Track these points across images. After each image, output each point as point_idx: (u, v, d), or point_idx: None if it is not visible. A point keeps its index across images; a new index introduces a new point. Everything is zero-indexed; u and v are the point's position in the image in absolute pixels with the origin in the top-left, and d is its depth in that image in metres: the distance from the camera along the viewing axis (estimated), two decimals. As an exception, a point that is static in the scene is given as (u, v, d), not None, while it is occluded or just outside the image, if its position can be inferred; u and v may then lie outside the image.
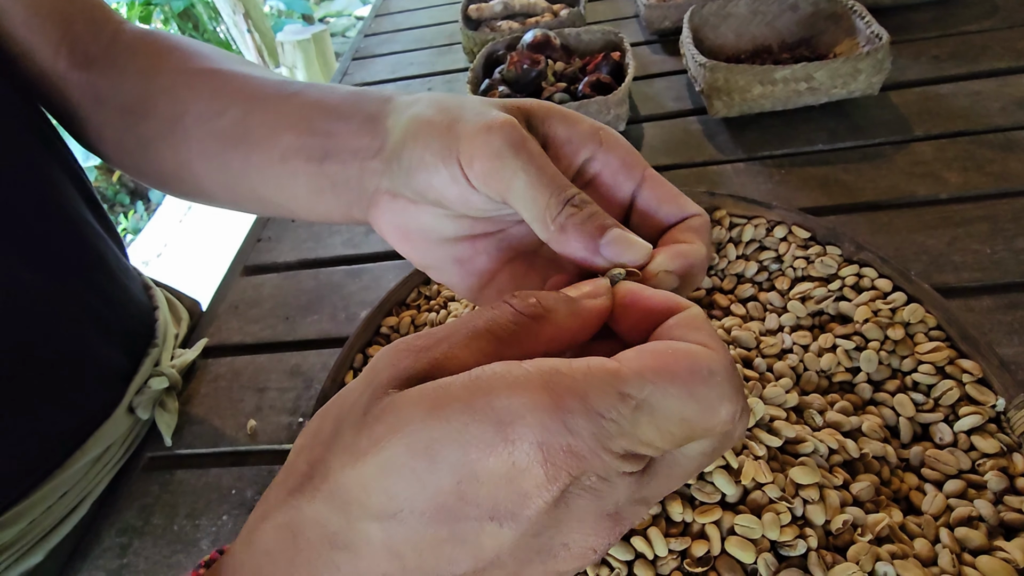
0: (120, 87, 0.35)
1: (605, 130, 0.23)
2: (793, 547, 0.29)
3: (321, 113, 0.27)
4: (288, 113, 0.28)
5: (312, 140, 0.27)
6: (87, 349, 0.41)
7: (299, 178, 0.28)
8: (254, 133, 0.29)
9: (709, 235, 0.21)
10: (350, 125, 0.26)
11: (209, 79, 0.32)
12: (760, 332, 0.42)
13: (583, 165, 0.23)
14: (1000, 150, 0.56)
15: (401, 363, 0.16)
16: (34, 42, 0.35)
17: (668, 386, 0.14)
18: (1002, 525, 0.30)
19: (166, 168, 0.35)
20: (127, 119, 0.35)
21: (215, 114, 0.31)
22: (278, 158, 0.28)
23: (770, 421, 0.34)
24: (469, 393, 0.14)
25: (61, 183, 0.40)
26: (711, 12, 0.74)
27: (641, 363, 0.15)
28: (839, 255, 0.44)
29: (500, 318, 0.17)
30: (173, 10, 3.19)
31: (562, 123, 0.22)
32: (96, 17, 0.37)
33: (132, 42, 0.36)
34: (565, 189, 0.20)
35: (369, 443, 0.15)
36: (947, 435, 0.34)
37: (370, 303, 0.54)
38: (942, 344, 0.37)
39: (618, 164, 0.22)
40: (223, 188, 0.33)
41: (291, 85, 0.30)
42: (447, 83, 0.88)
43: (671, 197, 0.22)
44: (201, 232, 2.35)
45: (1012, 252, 0.47)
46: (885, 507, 0.32)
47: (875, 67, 0.59)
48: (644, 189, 0.22)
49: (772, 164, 0.61)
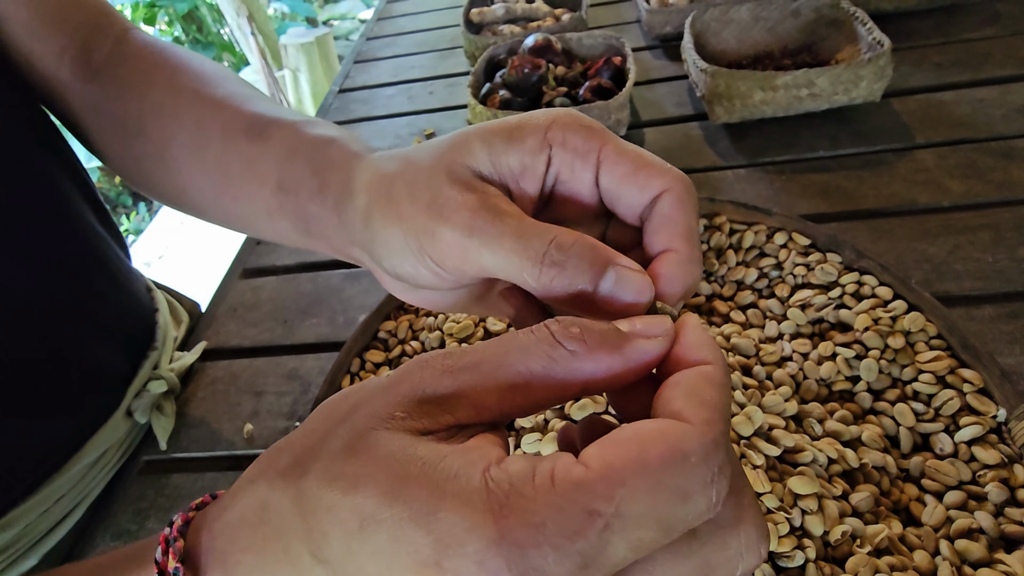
0: (116, 101, 0.35)
1: (555, 125, 0.20)
2: (791, 558, 0.28)
3: (286, 166, 0.27)
4: (258, 162, 0.29)
5: (287, 202, 0.27)
6: (86, 352, 0.41)
7: (291, 234, 0.29)
8: (235, 180, 0.30)
9: (689, 208, 0.19)
10: (315, 195, 0.26)
11: (192, 105, 0.32)
12: (759, 339, 0.42)
13: (546, 179, 0.21)
14: (1002, 158, 0.56)
15: (425, 380, 0.15)
16: (37, 49, 0.35)
17: (639, 482, 0.13)
18: (1003, 537, 0.30)
19: (165, 190, 0.36)
20: (122, 134, 0.35)
21: (197, 148, 0.32)
22: (264, 214, 0.29)
23: (769, 430, 0.34)
24: (426, 486, 0.13)
25: (64, 184, 0.40)
26: (713, 18, 0.74)
27: (607, 461, 0.13)
28: (839, 262, 0.44)
29: (535, 351, 0.15)
30: (177, 12, 3.21)
31: (509, 150, 0.20)
32: (101, 24, 0.37)
33: (132, 54, 0.36)
34: (537, 244, 0.18)
35: (336, 476, 0.14)
36: (947, 445, 0.34)
37: (368, 307, 0.54)
38: (943, 353, 0.37)
39: (572, 156, 0.20)
40: (225, 222, 0.34)
41: (262, 120, 0.29)
42: (448, 87, 0.88)
43: (630, 174, 0.19)
44: (202, 234, 2.35)
45: (1014, 261, 0.47)
46: (884, 518, 0.32)
47: (877, 74, 0.59)
48: (603, 173, 0.20)
49: (773, 170, 0.60)
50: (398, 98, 0.89)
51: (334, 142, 0.26)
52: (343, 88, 0.95)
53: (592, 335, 0.16)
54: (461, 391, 0.15)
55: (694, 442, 0.13)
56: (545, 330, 0.16)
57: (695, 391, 0.15)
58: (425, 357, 0.16)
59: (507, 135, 0.20)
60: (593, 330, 0.16)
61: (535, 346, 0.15)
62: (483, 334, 0.46)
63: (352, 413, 0.16)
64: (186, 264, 2.22)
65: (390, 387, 0.16)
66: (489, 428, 0.16)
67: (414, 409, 0.15)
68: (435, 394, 0.15)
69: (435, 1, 1.21)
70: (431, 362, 0.16)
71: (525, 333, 0.16)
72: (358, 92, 0.93)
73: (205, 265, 2.06)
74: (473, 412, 0.15)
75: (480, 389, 0.15)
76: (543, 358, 0.15)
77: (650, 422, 0.14)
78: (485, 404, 0.15)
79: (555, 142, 0.20)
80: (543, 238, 0.18)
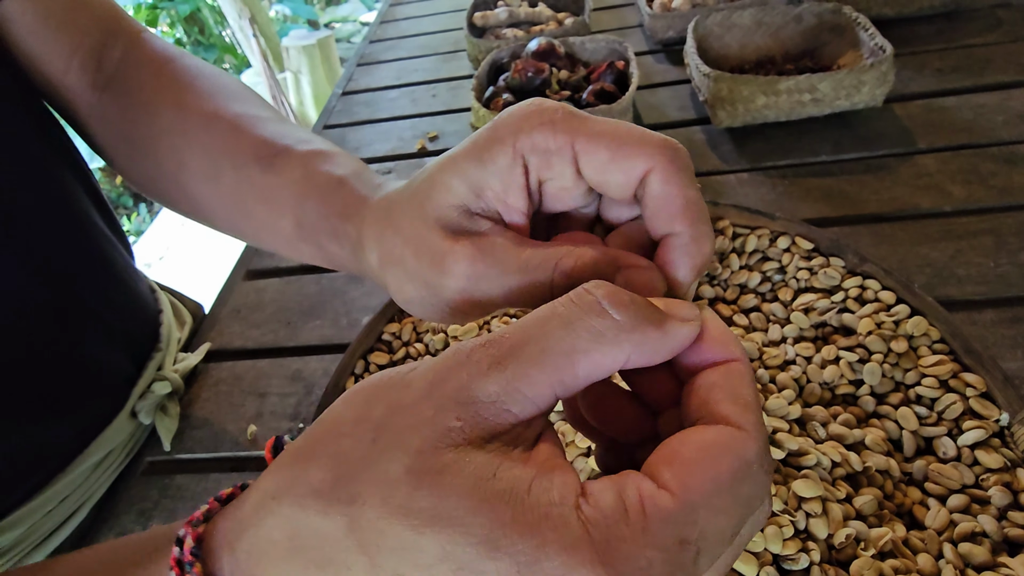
0: (126, 116, 0.35)
1: (522, 133, 0.19)
2: (796, 561, 0.28)
3: (300, 205, 0.28)
4: (274, 196, 0.29)
5: (306, 234, 0.28)
6: (91, 353, 0.41)
7: (313, 259, 0.30)
8: (252, 208, 0.31)
9: (683, 180, 0.18)
10: (332, 234, 0.27)
11: (202, 129, 0.32)
12: (763, 343, 0.42)
13: (529, 186, 0.20)
14: (1004, 163, 0.56)
15: (473, 378, 0.14)
16: (43, 53, 0.35)
17: (716, 501, 0.13)
18: (1006, 541, 0.30)
19: (180, 207, 0.36)
20: (131, 150, 0.35)
21: (210, 177, 0.32)
22: (284, 242, 0.30)
23: (773, 433, 0.34)
24: (525, 531, 0.13)
25: (69, 184, 0.40)
26: (715, 23, 0.74)
27: (686, 484, 0.13)
28: (842, 267, 0.44)
29: (580, 324, 0.14)
30: (179, 14, 3.21)
31: (481, 174, 0.19)
32: (112, 28, 0.36)
33: (141, 63, 0.35)
34: (541, 276, 0.18)
35: (407, 511, 0.13)
36: (951, 449, 0.34)
37: (372, 309, 0.54)
38: (945, 357, 0.37)
39: (547, 160, 0.19)
40: (239, 237, 0.35)
41: (272, 148, 0.30)
42: (451, 89, 0.89)
43: (609, 160, 0.18)
44: (204, 235, 2.35)
45: (1016, 266, 0.47)
46: (888, 521, 0.32)
47: (879, 79, 0.59)
48: (583, 167, 0.19)
49: (775, 175, 0.61)
50: (401, 101, 0.89)
51: (343, 184, 0.27)
52: (346, 90, 0.96)
53: (639, 305, 0.15)
54: (513, 384, 0.14)
55: (753, 450, 0.14)
56: (591, 299, 0.15)
57: (736, 393, 0.15)
58: (463, 349, 0.15)
59: (477, 159, 0.19)
60: (639, 301, 0.15)
61: (579, 319, 0.14)
62: (487, 336, 0.46)
63: (391, 419, 0.15)
64: (187, 266, 2.22)
65: (432, 390, 0.15)
66: (545, 422, 0.15)
67: (470, 415, 0.14)
68: (487, 393, 0.14)
69: (438, 5, 1.21)
70: (473, 355, 0.15)
71: (565, 304, 0.15)
72: (361, 95, 0.94)
73: (206, 267, 2.06)
74: (531, 405, 0.14)
75: (531, 377, 0.14)
76: (589, 331, 0.14)
77: (709, 432, 0.14)
78: (540, 392, 0.14)
79: (526, 150, 0.19)
80: (546, 268, 0.18)
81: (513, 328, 0.15)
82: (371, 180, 0.27)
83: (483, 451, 0.14)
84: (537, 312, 0.15)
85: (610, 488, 0.13)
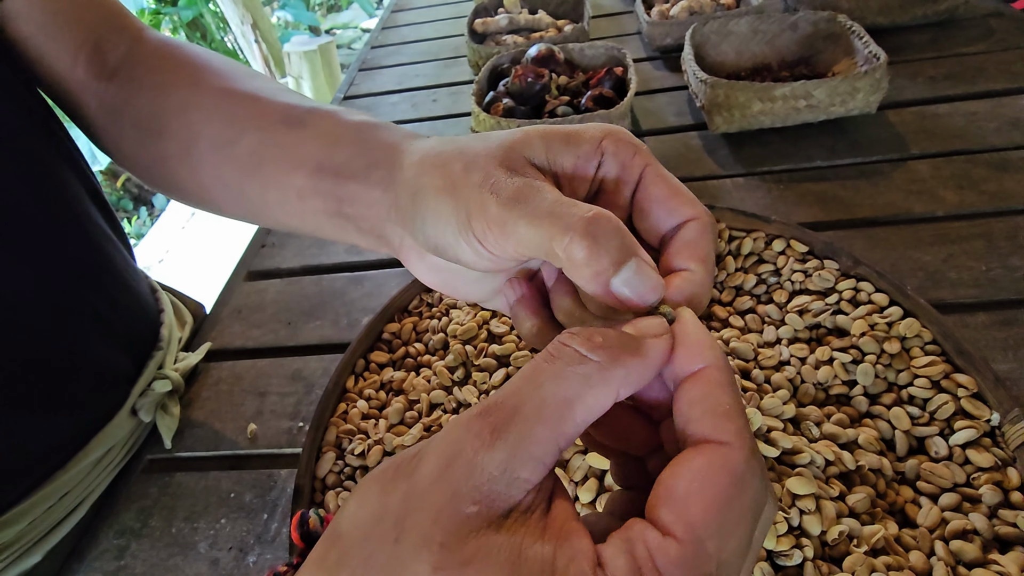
0: (135, 102, 0.35)
1: (609, 137, 0.21)
2: (789, 557, 0.29)
3: (329, 150, 0.27)
4: (298, 148, 0.28)
5: (324, 183, 0.27)
6: (92, 351, 0.41)
7: (319, 217, 0.29)
8: (267, 166, 0.29)
9: (711, 239, 0.20)
10: (360, 173, 0.26)
11: (221, 101, 0.32)
12: (758, 344, 0.42)
13: (593, 183, 0.22)
14: (995, 169, 0.57)
15: (479, 455, 0.15)
16: (50, 48, 0.35)
17: (723, 522, 0.14)
18: (996, 539, 0.31)
19: (185, 187, 0.35)
20: (142, 135, 0.35)
21: (228, 142, 0.31)
22: (294, 196, 0.29)
23: (767, 432, 0.34)
24: None
25: (70, 183, 0.41)
26: (712, 30, 0.76)
27: (689, 522, 0.14)
28: (836, 269, 0.45)
29: (568, 375, 0.15)
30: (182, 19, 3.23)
31: (566, 151, 0.21)
32: (117, 25, 0.37)
33: (149, 53, 0.36)
34: (576, 211, 0.19)
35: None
36: (942, 448, 0.35)
37: (372, 310, 0.55)
38: (938, 359, 0.38)
39: (619, 166, 0.21)
40: (245, 213, 0.33)
41: (299, 110, 0.30)
42: (452, 95, 0.90)
43: (665, 198, 0.21)
44: (204, 238, 2.36)
45: (1007, 269, 0.48)
46: (881, 519, 0.32)
47: (873, 86, 0.60)
48: (640, 190, 0.22)
49: (771, 179, 0.61)
50: (402, 105, 0.90)
51: (380, 124, 0.27)
52: (348, 95, 0.96)
53: (613, 341, 0.16)
54: (519, 448, 0.14)
55: (741, 460, 0.15)
56: (569, 350, 0.16)
57: (714, 404, 0.16)
58: (461, 423, 0.15)
59: (565, 138, 0.21)
60: (612, 336, 0.16)
61: (565, 370, 0.15)
62: (486, 336, 0.46)
63: (408, 512, 0.15)
64: (187, 269, 2.22)
65: (442, 474, 0.15)
66: (554, 479, 0.16)
67: (484, 496, 0.14)
68: (496, 463, 0.14)
69: (439, 11, 1.22)
70: (472, 427, 0.15)
71: (547, 359, 0.16)
72: (363, 99, 0.95)
73: (205, 270, 2.07)
74: (540, 465, 0.15)
75: (535, 435, 0.15)
76: (577, 379, 0.15)
77: (696, 459, 0.15)
78: (546, 449, 0.15)
79: (607, 151, 0.21)
80: (581, 208, 0.19)
81: (504, 392, 0.16)
82: (410, 132, 0.27)
83: (504, 531, 0.14)
84: (522, 373, 0.16)
85: (621, 551, 0.14)
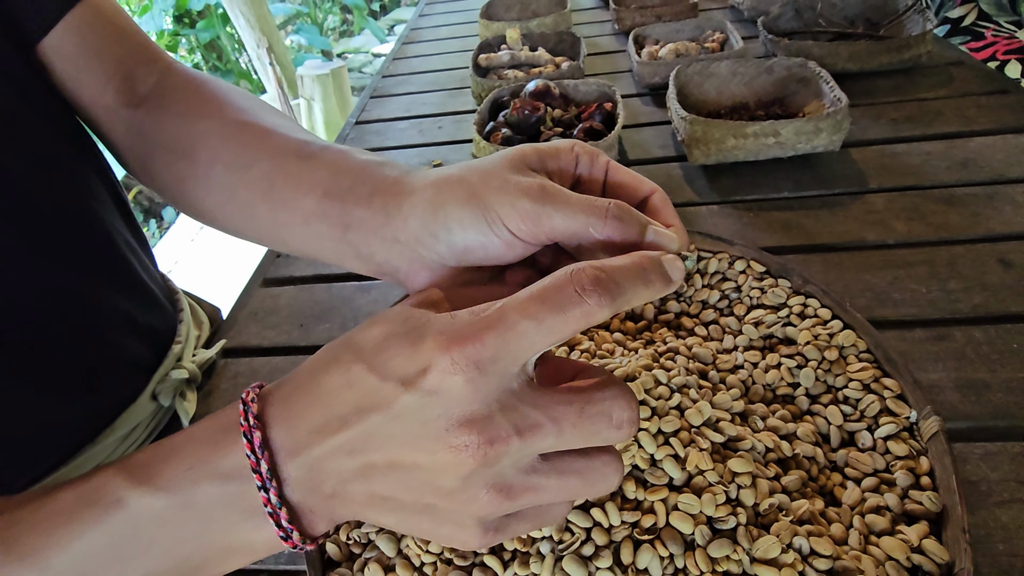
0: (163, 126, 0.38)
1: (577, 146, 0.29)
2: (725, 522, 0.34)
3: (336, 179, 0.30)
4: (308, 176, 0.31)
5: (331, 206, 0.30)
6: (116, 344, 0.46)
7: (324, 241, 0.31)
8: (278, 191, 0.32)
9: (671, 204, 0.29)
10: (365, 199, 0.29)
11: (240, 131, 0.35)
12: (717, 350, 0.48)
13: (573, 179, 0.29)
14: (943, 204, 0.63)
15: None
16: (83, 79, 0.39)
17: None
18: (905, 514, 0.36)
19: (201, 207, 0.38)
20: (167, 156, 0.38)
21: (243, 167, 0.34)
22: (301, 220, 0.31)
23: (716, 422, 0.40)
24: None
25: (96, 191, 0.44)
26: (695, 71, 0.83)
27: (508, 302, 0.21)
28: (789, 287, 0.50)
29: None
30: (199, 40, 3.35)
31: (552, 157, 0.29)
32: (147, 58, 0.40)
33: (179, 84, 0.40)
34: (601, 204, 0.25)
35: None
36: (868, 441, 0.40)
37: (377, 315, 0.60)
38: (869, 365, 0.43)
39: (589, 164, 0.29)
40: (255, 234, 0.36)
41: (311, 146, 0.33)
42: (456, 123, 0.97)
43: (628, 183, 0.29)
44: (212, 251, 2.42)
45: (944, 292, 0.53)
46: (810, 498, 0.37)
47: (834, 127, 0.67)
48: (609, 179, 0.29)
49: (743, 207, 0.68)
50: (410, 131, 0.97)
51: (385, 162, 0.31)
52: (360, 120, 1.04)
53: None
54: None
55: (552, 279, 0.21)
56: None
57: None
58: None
59: (549, 149, 0.29)
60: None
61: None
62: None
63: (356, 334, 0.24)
64: (195, 279, 2.29)
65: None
66: None
67: None
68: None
69: (447, 45, 1.31)
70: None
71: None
72: (373, 124, 1.02)
73: (213, 281, 2.13)
74: None
75: None
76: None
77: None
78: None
79: (580, 156, 0.29)
80: (604, 201, 0.25)
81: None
82: (411, 167, 0.30)
83: None
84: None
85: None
